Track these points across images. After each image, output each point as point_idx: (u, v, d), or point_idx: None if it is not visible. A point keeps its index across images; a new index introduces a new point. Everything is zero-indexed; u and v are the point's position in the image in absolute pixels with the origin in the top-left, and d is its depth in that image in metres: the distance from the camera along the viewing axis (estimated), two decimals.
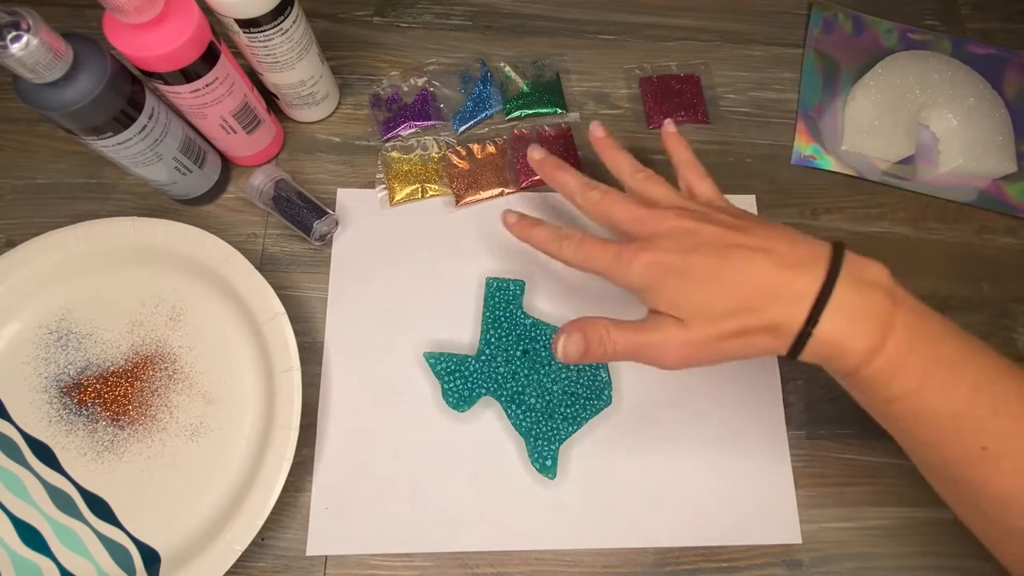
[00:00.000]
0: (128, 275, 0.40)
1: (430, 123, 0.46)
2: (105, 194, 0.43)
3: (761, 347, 0.30)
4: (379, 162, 0.45)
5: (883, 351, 0.28)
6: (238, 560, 0.34)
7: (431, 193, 0.44)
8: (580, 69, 0.49)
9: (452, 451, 0.39)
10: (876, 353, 0.28)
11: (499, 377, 0.39)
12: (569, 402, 0.39)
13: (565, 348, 0.32)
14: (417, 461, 0.39)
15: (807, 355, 0.30)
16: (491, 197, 0.44)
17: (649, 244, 0.32)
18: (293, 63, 0.39)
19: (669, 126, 0.39)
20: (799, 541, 0.39)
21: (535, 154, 0.39)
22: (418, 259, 0.43)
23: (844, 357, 0.29)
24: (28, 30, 0.28)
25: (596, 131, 0.39)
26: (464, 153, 0.45)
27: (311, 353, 0.41)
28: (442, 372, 0.39)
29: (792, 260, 0.30)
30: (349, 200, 0.44)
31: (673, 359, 0.31)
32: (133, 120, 0.34)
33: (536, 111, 0.47)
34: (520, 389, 0.39)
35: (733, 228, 0.31)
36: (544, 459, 0.38)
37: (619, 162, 0.37)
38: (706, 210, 0.33)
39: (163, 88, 0.35)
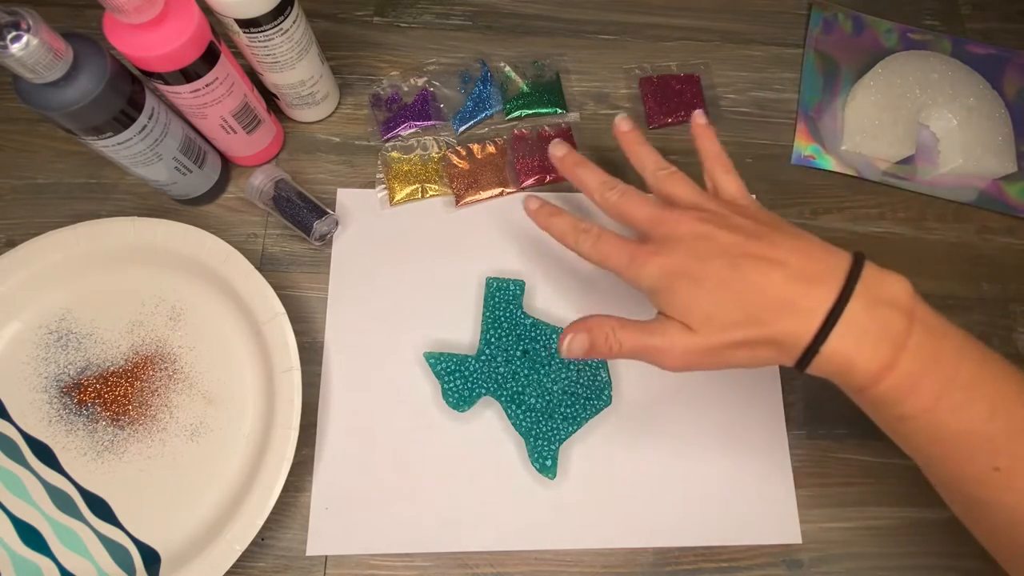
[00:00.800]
0: (128, 275, 0.40)
1: (430, 123, 0.46)
2: (105, 194, 0.43)
3: (766, 358, 0.30)
4: (379, 162, 0.45)
5: (894, 372, 0.28)
6: (238, 560, 0.34)
7: (431, 193, 0.44)
8: (580, 69, 0.49)
9: (452, 451, 0.39)
10: (886, 373, 0.28)
11: (499, 377, 0.39)
12: (569, 402, 0.39)
13: (570, 346, 0.33)
14: (417, 461, 0.39)
15: (814, 370, 0.29)
16: (491, 197, 0.44)
17: (663, 248, 0.32)
18: (293, 63, 0.39)
19: (699, 117, 0.38)
20: (799, 541, 0.39)
21: (557, 151, 0.38)
22: (418, 259, 0.43)
23: (852, 375, 0.29)
24: (28, 30, 0.28)
25: (622, 125, 0.38)
26: (464, 153, 0.45)
27: (311, 353, 0.41)
28: (442, 372, 0.39)
29: (806, 274, 0.29)
30: (349, 200, 0.44)
31: (676, 363, 0.31)
32: (133, 120, 0.34)
33: (536, 111, 0.47)
34: (520, 389, 0.39)
35: (750, 235, 0.31)
36: (544, 459, 0.38)
37: (643, 158, 0.37)
38: (725, 213, 0.32)
39: (163, 88, 0.35)
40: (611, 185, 0.35)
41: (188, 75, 0.34)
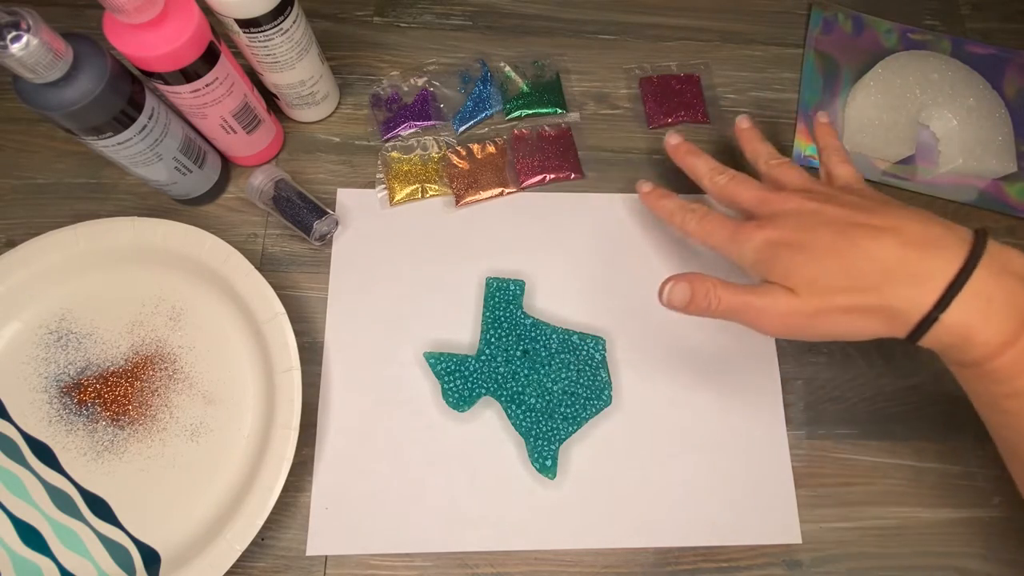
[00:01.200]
0: (128, 275, 0.40)
1: (430, 123, 0.46)
2: (105, 194, 0.43)
3: (873, 329, 0.30)
4: (379, 162, 0.45)
5: (1016, 345, 0.27)
6: (238, 560, 0.34)
7: (431, 193, 0.44)
8: (580, 69, 0.49)
9: (452, 451, 0.39)
10: (1008, 347, 0.27)
11: (499, 377, 0.39)
12: (569, 402, 0.39)
13: (671, 295, 0.33)
14: (417, 461, 0.39)
15: (928, 341, 0.29)
16: (491, 197, 0.44)
17: (769, 222, 0.32)
18: (293, 63, 0.39)
19: (822, 117, 0.40)
20: (799, 541, 0.39)
21: (672, 139, 0.41)
22: (418, 259, 0.43)
23: (970, 347, 0.28)
24: (28, 30, 0.28)
25: (742, 123, 0.41)
26: (464, 153, 0.45)
27: (311, 353, 0.41)
28: (442, 372, 0.39)
29: (922, 240, 0.28)
30: (349, 200, 0.44)
31: (775, 325, 0.31)
32: (133, 120, 0.34)
33: (536, 111, 0.47)
34: (520, 389, 0.39)
35: (860, 209, 0.31)
36: (544, 459, 0.38)
37: (758, 150, 0.38)
38: (834, 192, 0.33)
39: (163, 88, 0.35)
40: (720, 171, 0.37)
41: (188, 75, 0.34)
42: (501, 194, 0.45)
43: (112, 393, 0.38)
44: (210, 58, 0.34)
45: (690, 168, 0.39)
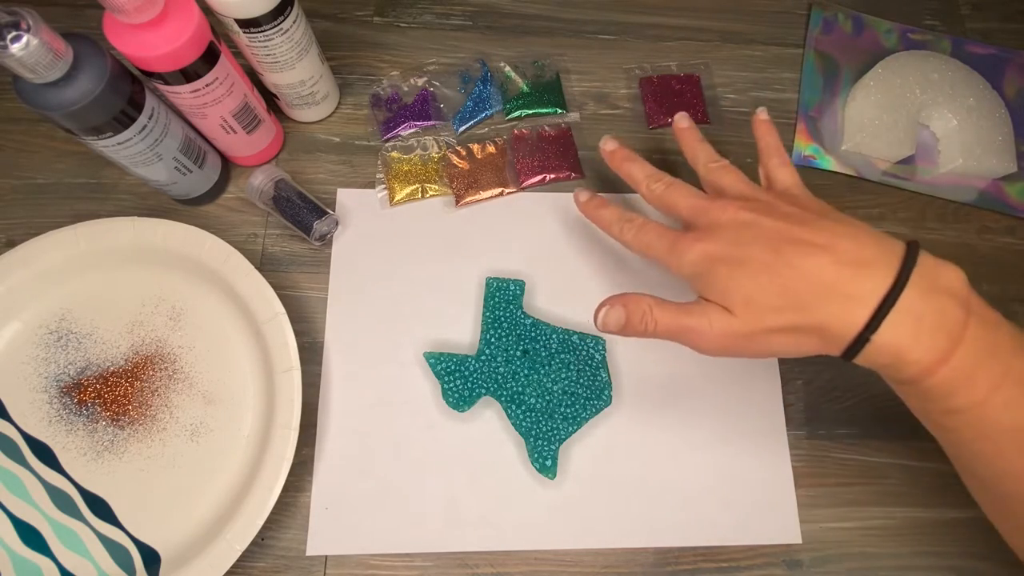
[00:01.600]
0: (128, 275, 0.40)
1: (430, 123, 0.46)
2: (105, 194, 0.43)
3: (809, 347, 0.29)
4: (379, 162, 0.45)
5: (947, 364, 0.27)
6: (238, 560, 0.34)
7: (431, 193, 0.44)
8: (580, 69, 0.49)
9: (452, 451, 0.39)
10: (940, 365, 0.27)
11: (499, 377, 0.39)
12: (569, 402, 0.39)
13: (605, 319, 0.32)
14: (417, 461, 0.39)
15: (862, 360, 0.29)
16: (491, 197, 0.44)
17: (706, 235, 0.32)
18: (293, 63, 0.39)
19: (762, 114, 0.38)
20: (799, 541, 0.39)
21: (607, 145, 0.39)
22: (418, 259, 0.43)
23: (903, 367, 0.28)
24: (28, 30, 0.28)
25: (681, 122, 0.39)
26: (464, 153, 0.45)
27: (311, 353, 0.41)
28: (442, 372, 0.39)
29: (855, 259, 0.28)
30: (349, 200, 0.44)
31: (712, 345, 0.31)
32: (133, 120, 0.34)
33: (536, 111, 0.47)
34: (520, 389, 0.39)
35: (796, 222, 0.30)
36: (544, 459, 0.38)
37: (697, 152, 0.37)
38: (772, 201, 0.32)
39: (163, 88, 0.35)
40: (657, 177, 0.36)
41: (188, 75, 0.34)
42: (501, 194, 0.45)
43: (112, 393, 0.38)
44: (210, 58, 0.34)
45: (627, 175, 0.38)
